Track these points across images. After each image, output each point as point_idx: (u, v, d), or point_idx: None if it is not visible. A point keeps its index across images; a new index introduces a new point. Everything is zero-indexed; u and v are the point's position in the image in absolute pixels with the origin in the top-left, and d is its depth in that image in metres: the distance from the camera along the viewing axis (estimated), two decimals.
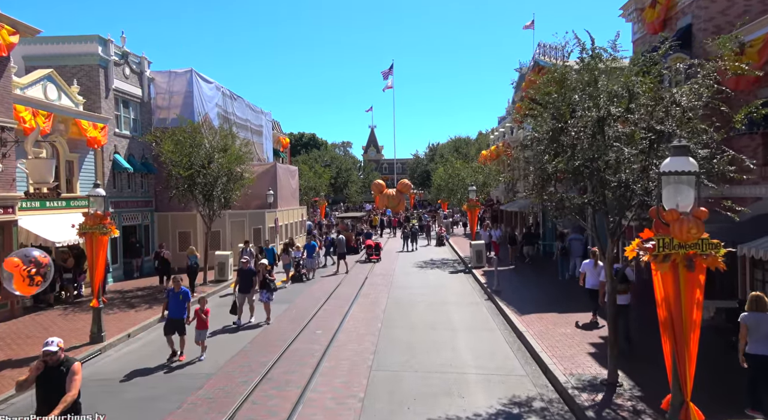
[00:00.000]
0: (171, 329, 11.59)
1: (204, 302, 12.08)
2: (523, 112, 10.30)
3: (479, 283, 20.91)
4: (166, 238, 25.06)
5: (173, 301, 11.69)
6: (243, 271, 14.96)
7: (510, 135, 37.71)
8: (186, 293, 11.82)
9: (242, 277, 14.86)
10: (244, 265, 15.09)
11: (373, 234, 33.47)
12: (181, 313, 11.66)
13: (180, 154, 19.36)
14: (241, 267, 15.15)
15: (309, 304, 17.22)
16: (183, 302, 11.69)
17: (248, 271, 14.97)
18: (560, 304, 15.88)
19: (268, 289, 15.02)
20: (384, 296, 18.53)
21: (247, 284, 14.72)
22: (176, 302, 11.68)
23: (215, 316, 14.06)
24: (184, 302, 11.71)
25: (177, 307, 11.68)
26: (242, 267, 15.11)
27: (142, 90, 23.96)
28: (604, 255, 9.55)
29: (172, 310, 11.67)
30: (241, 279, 14.87)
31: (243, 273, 14.91)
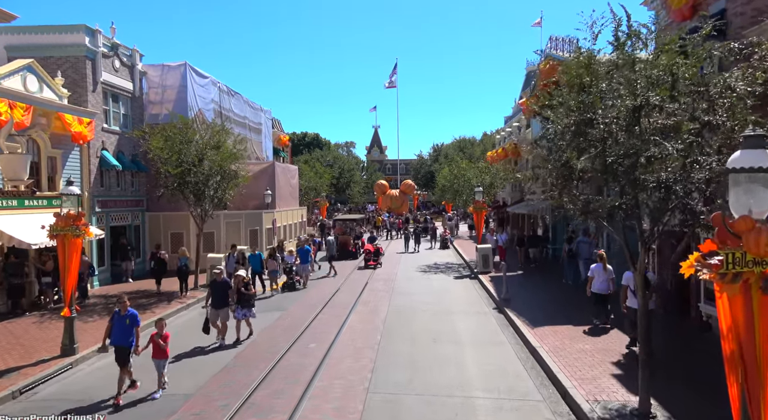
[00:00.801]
0: (119, 358, 9.55)
1: (162, 325, 9.88)
2: (542, 101, 9.07)
3: (486, 289, 19.70)
4: (157, 239, 23.91)
5: (118, 325, 9.67)
6: (216, 283, 12.98)
7: (518, 134, 36.52)
8: (134, 316, 9.73)
9: (215, 290, 12.86)
10: (218, 276, 13.11)
11: (376, 238, 31.27)
12: (128, 340, 9.57)
13: (170, 151, 18.22)
14: (214, 278, 13.21)
15: (303, 313, 16.05)
16: (130, 327, 9.64)
17: (222, 283, 13.00)
18: (575, 315, 14.65)
19: (246, 304, 13.07)
20: (385, 304, 17.35)
21: (221, 299, 12.81)
22: (122, 327, 9.62)
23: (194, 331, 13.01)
24: (131, 327, 9.65)
25: (123, 332, 9.59)
26: (215, 279, 13.15)
27: (133, 84, 22.86)
28: (634, 265, 8.35)
29: (117, 336, 9.63)
30: (213, 293, 12.83)
31: (216, 286, 12.91)
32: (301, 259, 20.76)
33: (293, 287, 20.02)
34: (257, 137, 34.84)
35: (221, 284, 12.98)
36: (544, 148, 9.58)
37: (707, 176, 6.98)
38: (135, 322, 9.72)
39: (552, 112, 8.73)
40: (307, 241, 23.14)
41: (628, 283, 11.29)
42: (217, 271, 13.25)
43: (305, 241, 23.02)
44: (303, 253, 20.98)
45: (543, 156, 9.27)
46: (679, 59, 7.00)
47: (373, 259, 26.13)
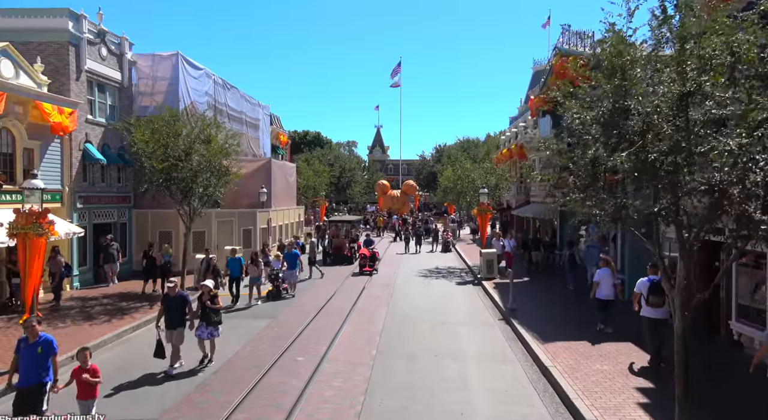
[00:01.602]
0: (21, 407, 7.16)
1: (85, 356, 7.51)
2: (565, 89, 7.83)
3: (490, 297, 18.48)
4: (144, 238, 22.76)
5: (27, 357, 7.29)
6: (168, 299, 10.68)
7: (524, 135, 35.27)
8: (49, 343, 7.43)
9: (168, 307, 10.60)
10: (171, 290, 10.73)
11: (373, 241, 28.50)
12: (40, 377, 7.28)
13: (155, 144, 17.04)
14: (167, 292, 10.92)
15: (294, 321, 14.84)
16: (44, 358, 7.35)
17: (176, 299, 10.65)
18: (590, 329, 13.41)
19: (210, 321, 10.95)
20: (382, 312, 16.13)
21: (176, 317, 10.61)
22: (32, 358, 7.27)
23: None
24: (45, 358, 7.36)
25: (32, 366, 7.26)
26: (167, 293, 10.85)
27: (122, 74, 21.67)
28: (671, 280, 7.14)
29: (25, 373, 7.26)
30: (166, 310, 10.59)
31: (169, 302, 10.64)
32: (288, 265, 18.58)
33: (279, 296, 18.01)
34: (254, 133, 33.64)
35: (175, 300, 10.68)
36: (564, 144, 8.38)
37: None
38: (50, 350, 7.44)
39: (577, 101, 7.51)
40: (292, 245, 20.75)
41: (641, 290, 10.64)
42: (170, 285, 10.86)
43: (290, 244, 20.84)
44: (291, 258, 18.77)
45: (564, 152, 8.02)
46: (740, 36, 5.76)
47: (369, 265, 24.06)
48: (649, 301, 10.43)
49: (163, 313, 10.64)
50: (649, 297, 10.42)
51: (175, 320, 10.59)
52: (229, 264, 17.53)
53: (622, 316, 13.57)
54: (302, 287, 20.14)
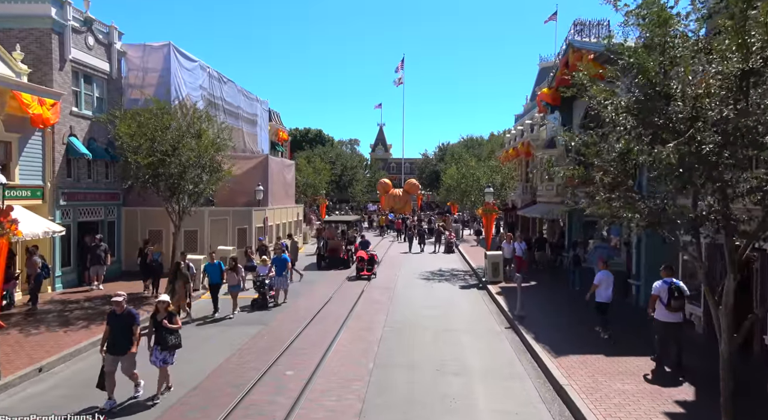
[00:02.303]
0: None
1: None
2: (591, 72, 6.75)
3: (496, 303, 17.44)
4: (134, 237, 21.77)
5: None
6: (115, 316, 8.74)
7: (530, 133, 34.18)
8: None
9: (113, 327, 8.67)
10: (118, 306, 8.74)
11: (369, 243, 26.35)
12: None
13: (141, 138, 16.03)
14: (113, 309, 8.85)
15: (286, 329, 13.81)
16: None
17: (124, 317, 8.71)
18: (604, 340, 12.38)
19: (165, 345, 8.91)
20: (381, 318, 15.09)
21: (123, 339, 8.62)
22: None
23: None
24: None
25: None
26: (113, 309, 8.82)
27: (110, 64, 20.64)
28: (716, 296, 6.08)
29: None
30: (111, 331, 8.68)
31: (115, 321, 8.70)
32: (276, 270, 16.63)
33: (264, 305, 16.12)
34: (252, 129, 32.61)
35: (122, 318, 8.71)
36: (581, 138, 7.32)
37: None
38: None
39: (606, 85, 6.44)
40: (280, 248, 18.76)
41: (658, 293, 10.27)
42: (117, 299, 8.78)
43: (277, 247, 19.20)
44: (279, 263, 16.80)
45: (591, 145, 6.94)
46: None
47: (366, 268, 22.24)
48: (671, 305, 10.05)
49: (108, 335, 8.70)
50: (670, 301, 10.03)
51: (121, 344, 8.59)
52: (206, 269, 15.71)
53: (633, 323, 12.57)
54: (297, 291, 19.11)
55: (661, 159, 5.07)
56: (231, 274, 15.32)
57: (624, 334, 12.73)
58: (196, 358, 11.19)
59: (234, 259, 15.69)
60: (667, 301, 10.12)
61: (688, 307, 13.36)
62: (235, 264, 15.50)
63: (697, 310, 13.02)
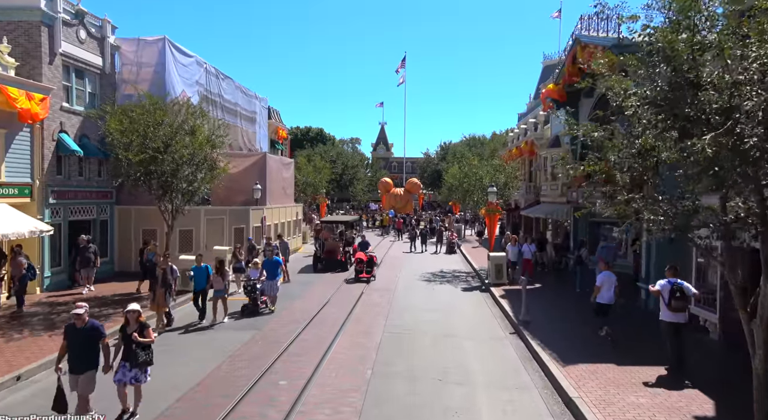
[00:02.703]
0: None
1: None
2: (610, 59, 6.13)
3: (500, 306, 16.85)
4: (127, 236, 21.23)
5: None
6: (74, 330, 7.56)
7: (534, 132, 33.58)
8: None
9: (71, 342, 7.54)
10: (78, 319, 7.51)
11: (369, 244, 24.84)
12: None
13: (132, 134, 15.47)
14: (72, 323, 7.63)
15: (281, 333, 13.22)
16: None
17: (84, 331, 7.53)
18: (621, 348, 11.79)
19: (135, 361, 7.80)
20: (380, 323, 14.50)
21: (84, 356, 7.53)
22: None
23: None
24: None
25: None
26: (72, 322, 7.61)
27: (103, 59, 20.05)
28: (748, 310, 5.48)
29: None
30: (70, 345, 7.57)
31: (75, 335, 7.54)
32: (267, 274, 15.58)
33: (255, 312, 15.12)
34: (250, 127, 32.03)
35: (84, 332, 7.53)
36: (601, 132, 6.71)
37: None
38: None
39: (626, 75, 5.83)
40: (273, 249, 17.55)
41: (662, 291, 10.20)
42: (78, 312, 7.57)
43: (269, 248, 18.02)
44: (271, 267, 15.77)
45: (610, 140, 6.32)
46: None
47: (366, 271, 21.26)
48: (671, 305, 10.00)
49: (65, 350, 7.59)
50: (671, 301, 9.98)
51: (81, 361, 7.45)
52: (193, 273, 14.46)
53: (644, 330, 11.97)
54: (293, 294, 18.54)
55: (695, 153, 4.46)
56: (216, 277, 14.26)
57: (635, 341, 12.15)
58: (184, 366, 10.64)
59: (220, 262, 14.63)
60: (668, 300, 10.05)
61: (703, 312, 12.77)
62: (221, 266, 14.48)
63: (711, 317, 12.41)
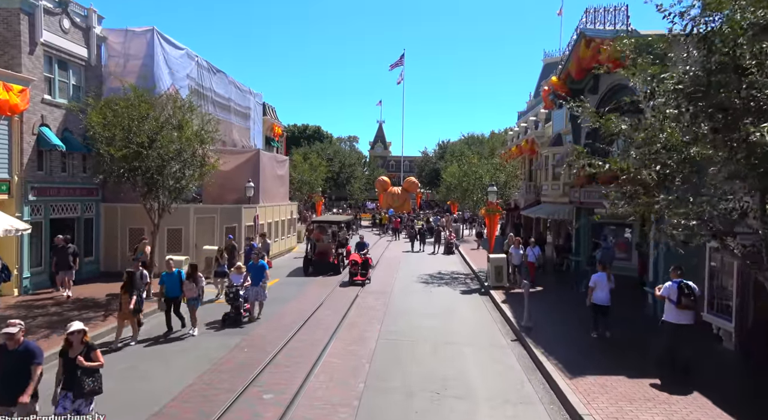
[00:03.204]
0: None
1: None
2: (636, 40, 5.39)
3: (500, 310, 16.13)
4: (113, 235, 20.43)
5: None
6: (6, 353, 6.42)
7: (534, 130, 32.85)
8: None
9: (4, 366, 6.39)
10: (10, 340, 6.43)
11: (366, 245, 22.93)
12: None
13: (115, 128, 14.68)
14: (2, 344, 6.50)
15: (270, 339, 12.46)
16: None
17: (19, 353, 6.42)
18: (625, 356, 11.10)
19: (80, 390, 6.60)
20: (375, 328, 13.75)
21: (15, 383, 6.30)
22: None
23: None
24: None
25: None
26: (5, 344, 6.47)
27: (89, 50, 19.22)
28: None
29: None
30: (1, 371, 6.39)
31: (6, 358, 6.40)
32: (252, 279, 14.24)
33: (238, 321, 13.68)
34: (244, 123, 31.24)
35: (16, 355, 6.40)
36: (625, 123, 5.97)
37: None
38: None
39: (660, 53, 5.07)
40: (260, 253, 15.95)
41: (668, 294, 9.99)
42: (10, 331, 6.42)
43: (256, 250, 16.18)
44: (256, 271, 14.38)
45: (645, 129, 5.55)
46: None
47: (360, 273, 20.10)
48: (681, 303, 9.75)
49: None
50: (681, 299, 9.75)
51: (11, 389, 6.27)
52: (163, 279, 12.87)
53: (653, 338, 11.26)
54: (285, 296, 17.79)
55: (751, 146, 3.74)
56: (189, 284, 12.79)
57: (645, 350, 11.41)
58: (161, 377, 9.88)
59: (193, 266, 13.24)
60: (677, 299, 9.79)
61: (717, 320, 12.07)
62: (194, 272, 13.02)
63: (726, 325, 11.70)
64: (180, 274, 12.93)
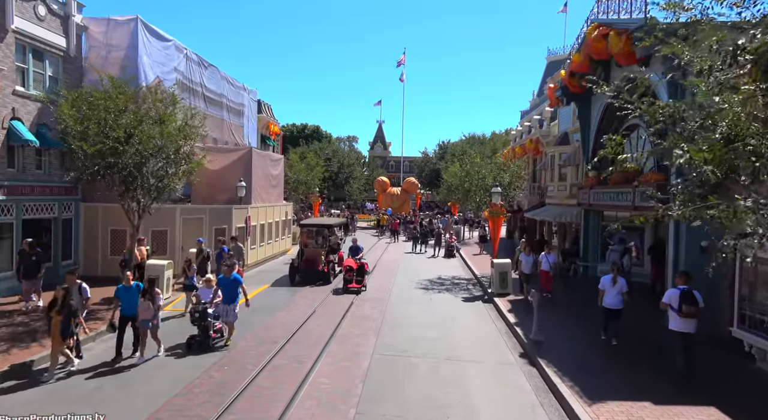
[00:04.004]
0: None
1: None
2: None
3: (505, 320, 14.97)
4: (94, 236, 19.24)
5: None
6: None
7: (539, 129, 31.69)
8: None
9: None
10: None
11: (361, 249, 21.09)
12: None
13: (89, 122, 13.49)
14: None
15: (252, 356, 11.23)
16: None
17: None
18: (646, 374, 9.92)
19: None
20: (370, 342, 12.55)
21: None
22: None
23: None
24: None
25: None
26: None
27: (67, 39, 18.01)
28: None
29: None
30: None
31: None
32: (224, 295, 11.92)
33: (206, 345, 11.43)
34: (237, 120, 30.07)
35: None
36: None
37: None
38: None
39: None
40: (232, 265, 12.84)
41: (670, 301, 9.83)
42: None
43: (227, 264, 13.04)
44: (228, 286, 11.97)
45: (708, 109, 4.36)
46: None
47: (356, 280, 18.52)
48: (682, 310, 9.55)
49: None
50: (682, 306, 9.56)
51: None
52: (119, 294, 10.90)
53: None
54: (275, 305, 16.62)
55: None
56: (144, 303, 10.69)
57: (664, 368, 10.22)
58: (122, 403, 8.67)
59: (151, 281, 11.07)
60: (678, 306, 9.61)
61: (749, 337, 10.87)
62: (152, 288, 10.89)
63: (760, 342, 10.50)
64: (137, 288, 10.94)
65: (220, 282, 12.19)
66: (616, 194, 17.56)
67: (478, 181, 31.00)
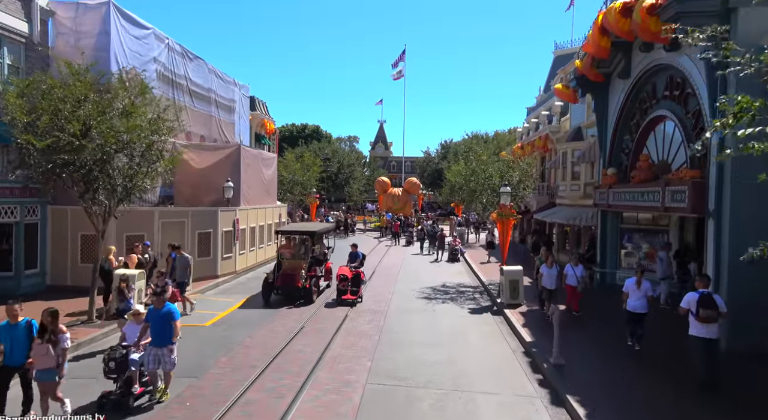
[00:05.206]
0: None
1: None
2: None
3: (518, 337, 13.20)
4: (62, 242, 17.50)
5: None
6: None
7: (548, 125, 29.86)
8: None
9: None
10: None
11: (359, 255, 18.53)
12: None
13: (44, 113, 11.76)
14: None
15: (223, 387, 9.44)
16: None
17: None
18: (691, 410, 8.13)
19: None
20: (363, 366, 10.76)
21: None
22: None
23: None
24: None
25: None
26: None
27: (30, 25, 16.30)
28: None
29: None
30: None
31: None
32: (154, 336, 8.64)
33: (124, 406, 8.12)
34: (227, 117, 28.32)
35: None
36: None
37: None
38: None
39: None
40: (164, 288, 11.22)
41: (689, 305, 9.44)
42: None
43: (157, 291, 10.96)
44: (159, 321, 8.65)
45: None
46: None
47: (351, 291, 16.53)
48: (699, 314, 9.21)
49: None
50: (699, 310, 9.22)
51: None
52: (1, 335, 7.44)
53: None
54: (255, 320, 14.87)
55: None
56: (40, 347, 7.38)
57: (716, 403, 8.41)
58: None
59: (53, 314, 7.55)
60: (696, 310, 9.24)
61: None
62: (55, 322, 7.53)
63: None
64: (32, 328, 7.54)
65: (149, 316, 8.83)
66: (641, 194, 15.73)
67: (484, 181, 29.12)
